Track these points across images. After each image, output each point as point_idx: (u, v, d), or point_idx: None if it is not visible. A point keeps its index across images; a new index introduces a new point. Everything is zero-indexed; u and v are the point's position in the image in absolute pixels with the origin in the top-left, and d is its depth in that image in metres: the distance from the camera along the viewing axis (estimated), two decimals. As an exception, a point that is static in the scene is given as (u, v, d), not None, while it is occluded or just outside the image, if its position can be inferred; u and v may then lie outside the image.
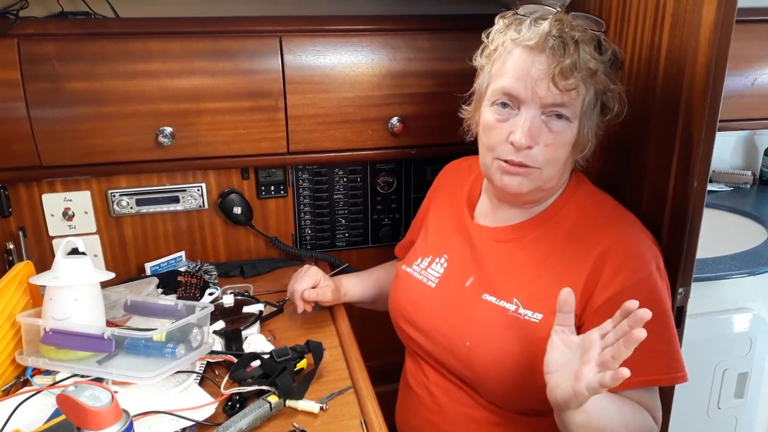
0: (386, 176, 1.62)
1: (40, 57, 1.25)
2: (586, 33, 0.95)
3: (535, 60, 0.93)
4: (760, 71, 1.73)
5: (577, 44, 0.93)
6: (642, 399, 0.96)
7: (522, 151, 0.95)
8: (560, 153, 0.97)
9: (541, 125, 0.95)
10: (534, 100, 0.94)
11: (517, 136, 0.94)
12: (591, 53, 0.94)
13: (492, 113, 0.99)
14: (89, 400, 0.73)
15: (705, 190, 1.00)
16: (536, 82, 0.93)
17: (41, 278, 1.09)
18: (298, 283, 1.28)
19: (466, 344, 1.02)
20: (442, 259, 1.15)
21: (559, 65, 0.91)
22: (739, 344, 1.65)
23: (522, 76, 0.94)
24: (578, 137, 0.97)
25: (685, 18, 0.98)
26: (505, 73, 0.97)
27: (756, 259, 1.62)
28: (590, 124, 0.98)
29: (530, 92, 0.93)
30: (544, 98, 0.93)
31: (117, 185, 1.45)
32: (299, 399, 1.01)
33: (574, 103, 0.95)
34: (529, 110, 0.95)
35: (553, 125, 0.95)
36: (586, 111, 0.97)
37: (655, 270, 0.95)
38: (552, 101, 0.93)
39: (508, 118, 0.97)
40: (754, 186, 2.22)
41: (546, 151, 0.96)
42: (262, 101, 1.38)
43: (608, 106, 1.00)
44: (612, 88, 0.99)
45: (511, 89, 0.95)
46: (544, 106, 0.94)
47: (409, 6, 1.49)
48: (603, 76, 0.96)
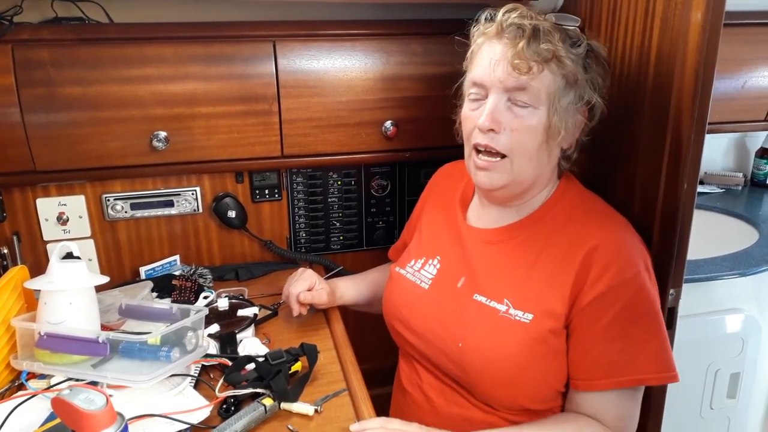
0: (380, 179, 1.63)
1: (34, 62, 1.26)
2: (551, 23, 0.98)
3: (495, 46, 0.98)
4: (750, 74, 1.74)
5: (537, 30, 0.96)
6: (604, 406, 0.98)
7: (488, 134, 0.98)
8: (527, 139, 0.98)
9: (505, 110, 0.98)
10: (496, 84, 0.97)
11: (481, 118, 0.98)
12: (555, 41, 0.96)
13: (467, 106, 1.04)
14: (84, 403, 0.73)
15: (695, 192, 1.01)
16: (495, 65, 0.97)
17: (36, 282, 1.09)
18: (293, 287, 1.28)
19: (459, 345, 1.03)
20: (434, 260, 1.16)
21: (514, 47, 0.95)
22: (731, 345, 1.67)
23: (484, 63, 0.99)
24: (547, 125, 0.98)
25: (674, 21, 0.99)
26: (475, 66, 1.02)
27: (747, 260, 1.64)
28: (562, 114, 0.99)
29: (491, 77, 0.97)
30: (505, 81, 0.96)
31: (111, 189, 1.45)
32: (294, 401, 1.01)
33: (536, 87, 0.96)
34: (493, 96, 0.98)
35: (518, 110, 0.98)
36: (554, 99, 0.97)
37: (642, 270, 0.96)
38: (513, 85, 0.96)
39: (479, 106, 1.01)
40: (745, 188, 2.24)
41: (512, 135, 0.98)
42: (256, 105, 1.39)
43: (583, 97, 1.01)
44: (585, 77, 1.00)
45: (477, 78, 1.00)
46: (507, 90, 0.97)
47: (401, 11, 1.50)
48: (570, 63, 0.97)
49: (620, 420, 0.98)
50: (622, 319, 0.95)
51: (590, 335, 0.96)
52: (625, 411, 0.99)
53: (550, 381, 1.00)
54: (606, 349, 0.95)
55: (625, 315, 0.95)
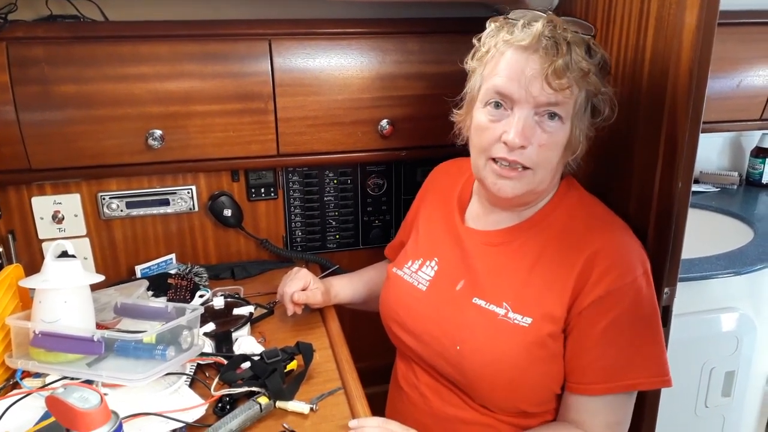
0: (376, 178, 1.63)
1: (29, 60, 1.25)
2: (577, 35, 0.96)
3: (529, 59, 0.94)
4: (745, 73, 1.74)
5: (569, 45, 0.93)
6: (595, 411, 0.98)
7: (516, 151, 0.95)
8: (553, 154, 0.97)
9: (534, 125, 0.95)
10: (528, 99, 0.94)
11: (511, 135, 0.94)
12: (582, 55, 0.95)
13: (485, 114, 0.99)
14: (78, 401, 0.73)
15: (689, 191, 1.01)
16: (530, 81, 0.93)
17: (30, 281, 1.09)
18: (287, 286, 1.28)
19: (457, 348, 1.03)
20: (432, 262, 1.15)
21: (552, 64, 0.92)
22: (726, 343, 1.67)
23: (515, 76, 0.94)
24: (570, 138, 0.98)
25: (669, 21, 0.99)
26: (497, 74, 0.97)
27: (742, 259, 1.64)
28: (581, 125, 0.99)
29: (524, 92, 0.94)
30: (538, 97, 0.93)
31: (107, 188, 1.45)
32: (289, 400, 1.01)
33: (567, 103, 0.95)
34: (522, 110, 0.95)
35: (546, 125, 0.96)
36: (577, 112, 0.97)
37: (641, 275, 0.96)
38: (546, 101, 0.94)
39: (501, 118, 0.97)
40: (740, 187, 2.24)
41: (539, 151, 0.96)
42: (252, 104, 1.38)
43: (599, 108, 1.01)
44: (603, 91, 1.00)
45: (504, 89, 0.96)
46: (538, 105, 0.94)
47: (397, 10, 1.50)
48: (594, 77, 0.97)
49: (609, 427, 0.98)
50: (619, 324, 0.95)
51: (587, 339, 0.96)
52: (613, 418, 0.98)
53: (548, 384, 1.00)
54: (601, 354, 0.95)
55: (622, 320, 0.95)
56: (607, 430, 0.98)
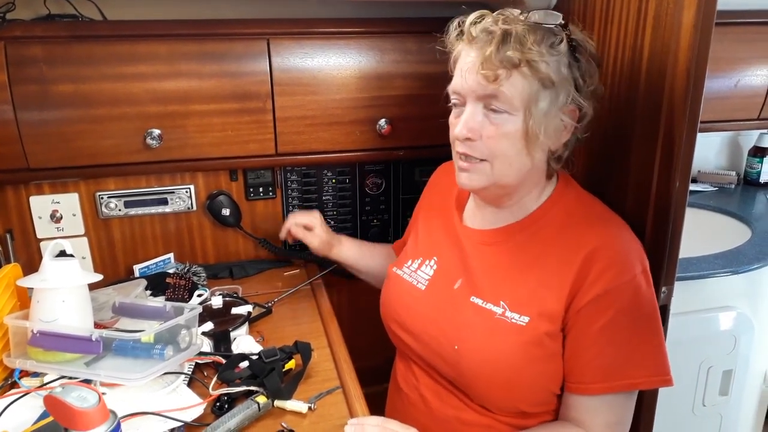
0: (375, 177, 1.63)
1: (27, 59, 1.25)
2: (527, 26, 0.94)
3: (468, 54, 0.97)
4: (743, 73, 1.75)
5: (507, 36, 0.93)
6: (595, 410, 0.98)
7: (465, 143, 0.99)
8: (503, 145, 0.97)
9: (483, 119, 0.97)
10: (470, 93, 0.97)
11: (457, 128, 0.99)
12: (528, 43, 0.93)
13: (452, 113, 1.04)
14: (76, 400, 0.73)
15: (687, 190, 1.01)
16: (467, 74, 0.96)
17: (28, 280, 1.09)
18: (293, 216, 1.41)
19: (455, 348, 1.03)
20: (431, 261, 1.15)
21: (481, 56, 0.94)
22: (723, 342, 1.67)
23: (459, 72, 0.99)
24: (525, 130, 0.96)
25: (666, 21, 0.99)
26: (454, 75, 1.01)
27: (740, 258, 1.65)
28: (540, 116, 0.96)
29: (464, 86, 0.97)
30: (476, 90, 0.96)
31: (105, 187, 1.45)
32: (287, 399, 1.01)
33: (508, 93, 0.94)
34: (470, 104, 0.98)
35: (493, 118, 0.97)
36: (530, 103, 0.95)
37: (640, 273, 0.96)
38: (484, 93, 0.95)
39: (460, 114, 1.00)
40: (738, 186, 2.25)
41: (488, 143, 0.97)
42: (250, 103, 1.38)
43: (576, 103, 0.99)
44: (564, 79, 0.96)
45: (454, 86, 1.00)
46: (479, 98, 0.96)
47: (396, 9, 1.50)
48: (545, 67, 0.93)
49: (609, 426, 0.98)
50: (618, 323, 0.95)
51: (585, 338, 0.96)
52: (614, 417, 0.98)
53: (546, 384, 1.00)
54: (600, 353, 0.95)
55: (621, 318, 0.94)
56: (607, 429, 0.98)
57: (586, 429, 0.98)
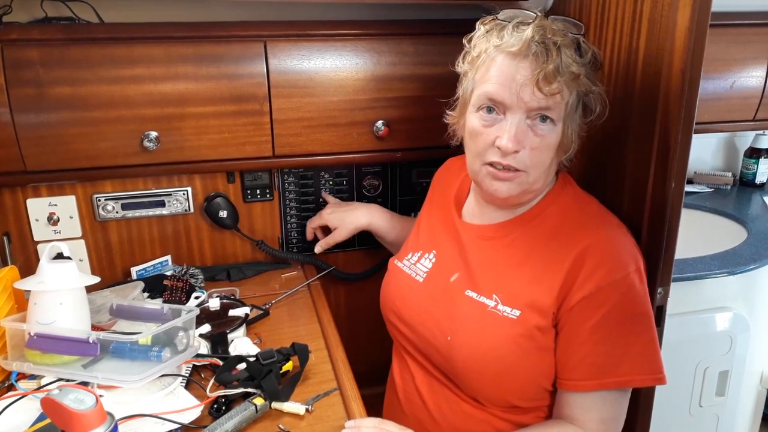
0: (372, 179, 1.63)
1: (23, 62, 1.25)
2: (567, 37, 0.96)
3: (519, 66, 0.94)
4: (738, 74, 1.75)
5: (559, 49, 0.94)
6: (587, 407, 0.98)
7: (509, 155, 0.97)
8: (546, 156, 0.99)
9: (526, 129, 0.96)
10: (519, 105, 0.95)
11: (504, 140, 0.95)
12: (572, 57, 0.96)
13: (478, 119, 1.00)
14: (73, 403, 0.73)
15: (683, 191, 1.01)
16: (521, 87, 0.94)
17: (26, 283, 1.09)
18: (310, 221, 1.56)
19: (447, 339, 1.04)
20: (431, 254, 1.17)
21: (542, 71, 0.92)
22: (719, 343, 1.68)
23: (507, 82, 0.95)
24: (563, 139, 0.99)
25: (661, 23, 1.00)
26: (489, 80, 0.97)
27: (736, 259, 1.65)
28: (573, 125, 1.00)
29: (515, 98, 0.94)
30: (530, 103, 0.94)
31: (102, 190, 1.45)
32: (285, 401, 1.01)
33: (559, 106, 0.96)
34: (514, 115, 0.96)
35: (539, 129, 0.96)
36: (569, 113, 0.98)
37: (633, 271, 0.97)
38: (537, 105, 0.95)
39: (494, 123, 0.98)
40: (734, 187, 2.25)
41: (532, 154, 0.97)
42: (247, 105, 1.38)
43: (590, 107, 1.02)
44: (593, 90, 1.00)
45: (495, 95, 0.96)
46: (530, 110, 0.95)
47: (392, 11, 1.50)
48: (585, 78, 0.98)
49: (603, 422, 0.99)
50: (610, 321, 0.95)
51: (577, 335, 0.97)
52: (608, 414, 0.99)
53: (537, 379, 1.01)
54: (592, 350, 0.96)
55: (612, 316, 0.95)
56: (601, 425, 0.99)
57: (580, 425, 0.99)
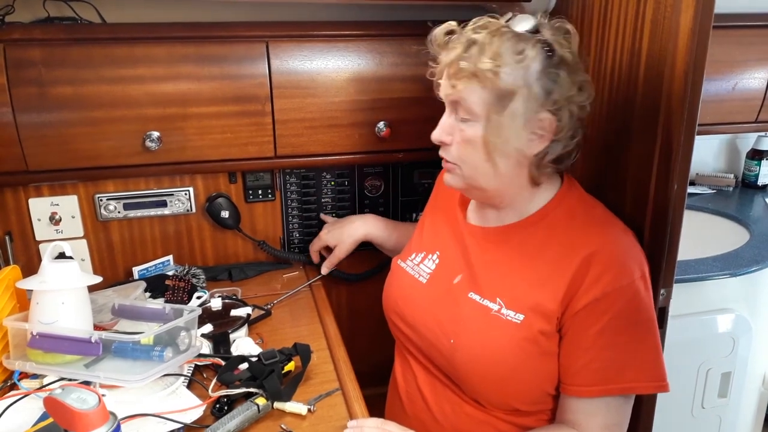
0: (374, 180, 1.63)
1: (26, 62, 1.25)
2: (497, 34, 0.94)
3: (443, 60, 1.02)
4: (740, 76, 1.75)
5: (470, 44, 0.96)
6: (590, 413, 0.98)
7: (443, 148, 1.04)
8: (469, 151, 1.00)
9: (454, 123, 1.01)
10: (444, 97, 1.03)
11: (434, 132, 1.04)
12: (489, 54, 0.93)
13: None
14: (76, 402, 0.73)
15: (685, 193, 1.01)
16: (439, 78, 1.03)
17: (28, 282, 1.09)
18: (312, 245, 1.55)
19: (450, 341, 1.04)
20: (434, 255, 1.17)
21: (446, 62, 0.99)
22: (722, 344, 1.68)
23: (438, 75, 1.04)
24: (485, 137, 0.97)
25: (664, 24, 1.00)
26: None
27: (738, 261, 1.65)
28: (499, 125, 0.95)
29: (440, 89, 1.03)
30: (445, 95, 1.02)
31: (104, 189, 1.45)
32: (287, 401, 1.01)
33: (468, 101, 0.97)
34: (447, 109, 1.03)
35: (460, 123, 1.00)
36: (489, 112, 0.95)
37: (639, 278, 0.96)
38: (451, 98, 1.00)
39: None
40: (736, 189, 2.25)
41: (457, 148, 1.01)
42: (249, 106, 1.39)
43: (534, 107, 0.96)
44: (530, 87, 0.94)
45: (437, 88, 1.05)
46: (450, 104, 1.01)
47: (395, 12, 1.50)
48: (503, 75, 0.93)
49: (606, 428, 0.98)
50: (615, 327, 0.95)
51: (581, 341, 0.96)
52: (611, 420, 0.98)
53: (540, 383, 1.00)
54: (596, 356, 0.96)
55: (617, 322, 0.95)
56: (604, 431, 0.99)
57: (583, 431, 0.98)
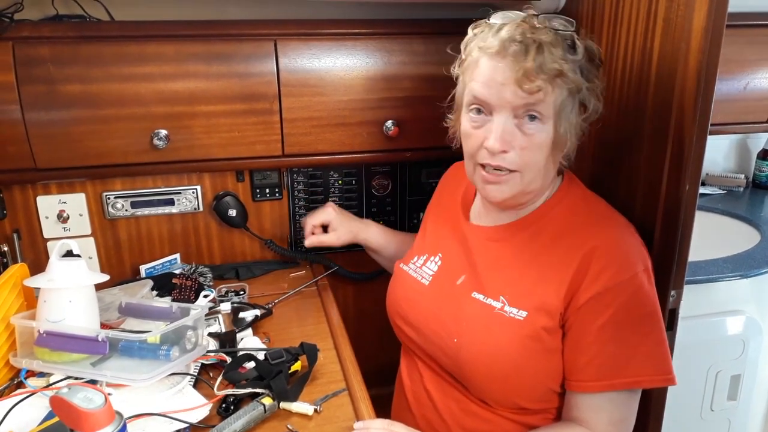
0: (381, 179, 1.62)
1: (35, 60, 1.25)
2: (552, 34, 0.95)
3: (498, 66, 0.94)
4: (752, 75, 1.74)
5: (541, 47, 0.93)
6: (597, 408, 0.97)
7: (497, 155, 0.97)
8: (536, 155, 0.98)
9: (514, 129, 0.96)
10: (504, 105, 0.95)
11: (491, 141, 0.96)
12: (559, 54, 0.94)
13: (468, 121, 1.01)
14: (82, 401, 0.73)
15: (697, 193, 1.00)
16: (501, 87, 0.94)
17: (35, 280, 1.09)
18: (310, 216, 1.45)
19: (454, 341, 1.04)
20: (436, 257, 1.16)
21: (521, 69, 0.92)
22: (732, 346, 1.66)
23: (489, 83, 0.95)
24: (555, 138, 0.97)
25: (677, 23, 0.99)
26: (475, 81, 0.98)
27: (749, 262, 1.63)
28: (567, 123, 0.98)
29: (498, 98, 0.95)
30: (513, 102, 0.94)
31: (112, 188, 1.45)
32: (293, 401, 1.01)
33: (545, 103, 0.95)
34: (501, 115, 0.96)
35: (527, 128, 0.96)
36: (560, 111, 0.96)
37: (641, 272, 0.96)
38: (522, 104, 0.94)
39: (483, 124, 0.98)
40: (747, 189, 2.23)
41: (522, 154, 0.97)
42: (257, 104, 1.38)
43: (584, 104, 1.00)
44: (587, 87, 0.98)
45: (480, 95, 0.97)
46: (515, 109, 0.95)
47: (403, 10, 1.49)
48: (573, 75, 0.95)
49: (612, 424, 0.98)
50: (618, 321, 0.94)
51: (585, 336, 0.96)
52: (617, 415, 0.98)
53: (544, 380, 1.00)
54: (600, 351, 0.95)
55: (620, 317, 0.94)
56: (611, 427, 0.98)
57: (590, 428, 0.98)
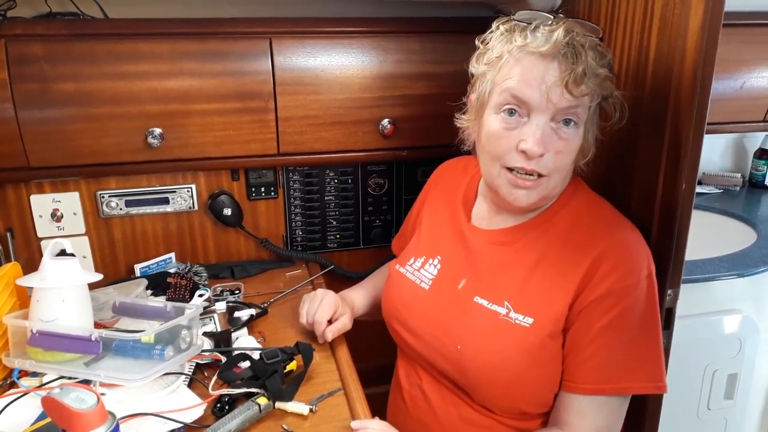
0: (377, 178, 1.62)
1: (28, 58, 1.25)
2: (588, 39, 0.95)
3: (549, 67, 0.92)
4: (749, 74, 1.74)
5: (587, 51, 0.92)
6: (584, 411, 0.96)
7: (533, 160, 0.94)
8: (568, 160, 0.97)
9: (551, 133, 0.94)
10: (547, 107, 0.92)
11: (529, 143, 0.93)
12: (599, 60, 0.94)
13: (498, 121, 0.97)
14: (74, 402, 0.72)
15: (693, 192, 1.00)
16: (550, 88, 0.91)
17: (28, 280, 1.08)
18: (318, 314, 1.20)
19: (457, 348, 1.02)
20: (435, 260, 1.15)
21: (572, 72, 0.90)
22: (728, 345, 1.66)
23: (534, 83, 0.92)
24: (583, 143, 0.98)
25: (673, 22, 0.99)
26: (514, 80, 0.94)
27: (745, 261, 1.63)
28: (593, 129, 0.99)
29: (544, 99, 0.92)
30: (558, 104, 0.92)
31: (106, 186, 1.44)
32: (289, 401, 1.00)
33: (584, 109, 0.95)
34: (539, 117, 0.93)
35: (563, 132, 0.95)
36: (591, 117, 0.97)
37: (645, 278, 0.95)
38: (566, 106, 0.92)
39: (516, 126, 0.95)
40: (743, 188, 2.23)
41: (556, 158, 0.95)
42: (252, 103, 1.38)
43: (607, 111, 1.01)
44: (615, 94, 0.99)
45: (522, 95, 0.93)
46: (557, 112, 0.93)
47: (399, 8, 1.49)
48: (608, 82, 0.96)
49: (597, 430, 0.97)
50: (618, 325, 0.94)
51: (584, 336, 0.95)
52: (602, 421, 0.97)
53: (548, 385, 0.99)
54: (595, 354, 0.94)
55: (621, 321, 0.94)
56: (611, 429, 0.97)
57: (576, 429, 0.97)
